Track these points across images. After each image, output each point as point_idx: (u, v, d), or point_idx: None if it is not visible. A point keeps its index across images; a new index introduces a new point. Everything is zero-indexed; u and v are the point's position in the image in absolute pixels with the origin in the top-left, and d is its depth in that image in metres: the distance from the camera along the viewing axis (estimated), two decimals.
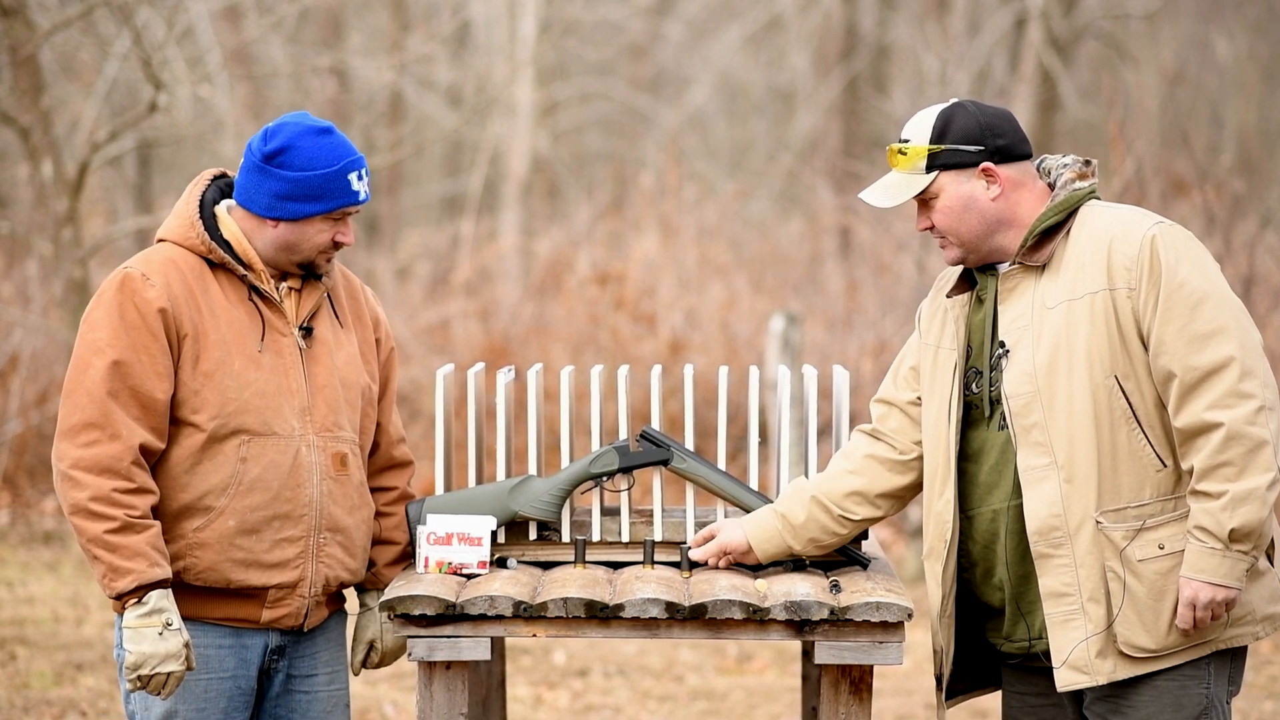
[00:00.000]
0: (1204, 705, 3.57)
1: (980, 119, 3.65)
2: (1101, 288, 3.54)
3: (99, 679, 7.28)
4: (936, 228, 3.68)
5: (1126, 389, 3.53)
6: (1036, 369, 3.57)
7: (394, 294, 14.40)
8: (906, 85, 17.56)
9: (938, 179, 3.65)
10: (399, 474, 4.05)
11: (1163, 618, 3.53)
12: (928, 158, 3.65)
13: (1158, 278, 3.51)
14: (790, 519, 3.85)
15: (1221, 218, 10.86)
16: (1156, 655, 3.55)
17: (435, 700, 3.72)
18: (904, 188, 3.68)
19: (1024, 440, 3.59)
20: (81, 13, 9.49)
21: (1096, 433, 3.53)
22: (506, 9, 17.01)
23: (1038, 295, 3.61)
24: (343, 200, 3.77)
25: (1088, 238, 3.59)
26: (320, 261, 3.82)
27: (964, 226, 3.65)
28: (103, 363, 3.65)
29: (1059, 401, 3.55)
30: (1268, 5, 17.62)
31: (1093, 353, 3.54)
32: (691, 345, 12.57)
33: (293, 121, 3.78)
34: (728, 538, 3.89)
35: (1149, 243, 3.53)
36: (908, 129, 3.71)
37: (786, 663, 8.01)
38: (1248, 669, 7.79)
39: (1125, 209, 3.63)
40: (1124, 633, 3.54)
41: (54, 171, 8.90)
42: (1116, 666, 3.56)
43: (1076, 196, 3.64)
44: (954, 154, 3.64)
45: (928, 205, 3.68)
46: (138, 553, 3.60)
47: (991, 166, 3.63)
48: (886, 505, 3.87)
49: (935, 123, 3.66)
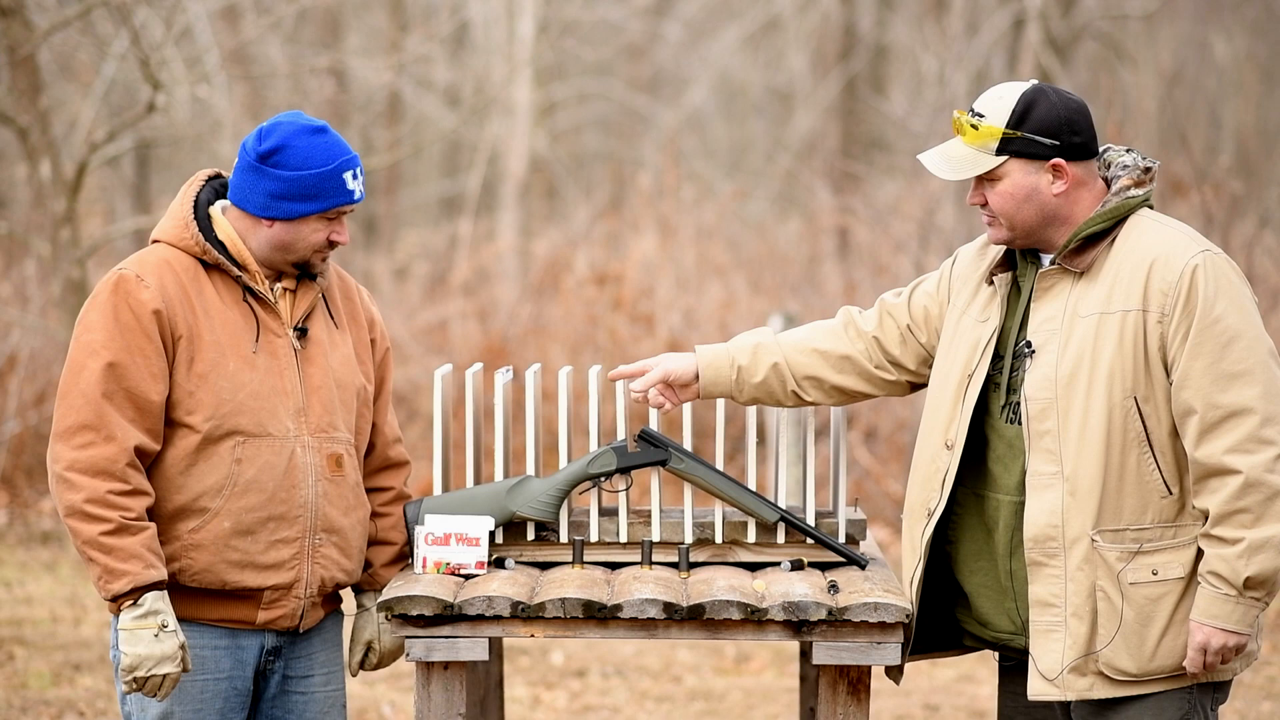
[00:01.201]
0: (1185, 711, 3.56)
1: (1062, 112, 3.56)
2: (1135, 308, 3.50)
3: (97, 679, 7.28)
4: (990, 207, 3.60)
5: (1144, 412, 3.50)
6: (1058, 377, 3.54)
7: (392, 294, 14.39)
8: (905, 86, 17.56)
9: (1006, 164, 3.58)
10: (395, 474, 4.04)
11: (1147, 643, 3.51)
12: (1001, 140, 3.57)
13: (1192, 309, 3.46)
14: (745, 373, 3.85)
15: (1220, 218, 10.86)
16: (1137, 680, 3.53)
17: (433, 700, 3.72)
18: (969, 164, 3.59)
19: (1035, 445, 3.57)
20: (80, 13, 9.48)
21: (1107, 451, 3.50)
22: (504, 9, 17.00)
23: (1071, 300, 3.57)
24: (337, 199, 3.76)
25: (1130, 252, 3.54)
26: (315, 261, 3.81)
27: (1020, 215, 3.58)
28: (97, 364, 3.64)
29: (1074, 414, 3.52)
30: (1266, 6, 17.62)
31: (1115, 371, 3.50)
32: (690, 346, 12.53)
33: (287, 121, 3.78)
34: (672, 366, 3.86)
35: (1190, 272, 3.47)
36: (984, 102, 3.61)
37: (784, 663, 8.00)
38: (1245, 669, 7.80)
39: (1174, 228, 3.57)
40: (1106, 654, 3.52)
41: (52, 171, 8.89)
42: (1094, 685, 3.54)
43: (1127, 205, 3.58)
44: (1029, 143, 3.56)
45: (989, 183, 3.60)
46: (133, 555, 3.59)
47: (1062, 163, 3.57)
48: (838, 397, 3.89)
49: (1016, 105, 3.57)
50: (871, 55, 19.23)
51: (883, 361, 3.85)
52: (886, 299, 3.89)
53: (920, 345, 3.84)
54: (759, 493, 3.99)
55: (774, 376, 3.85)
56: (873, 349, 3.85)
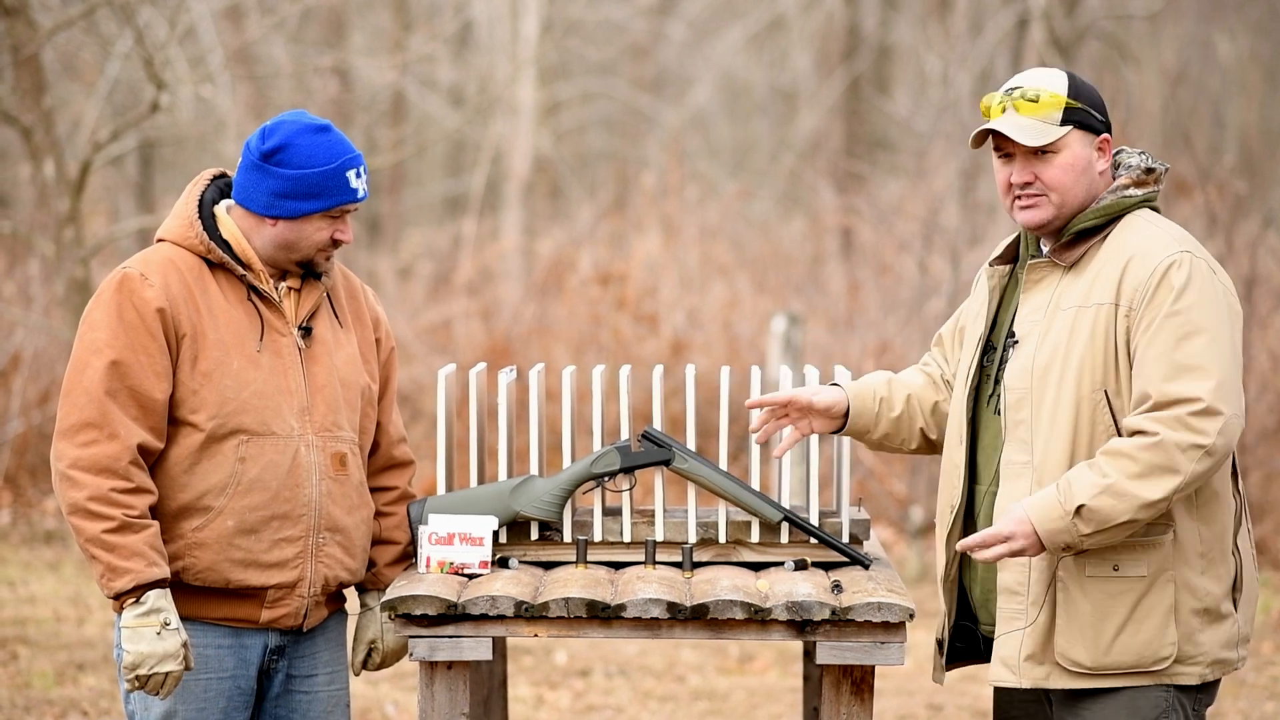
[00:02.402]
0: (1162, 710, 3.56)
1: (1096, 93, 3.59)
2: (1108, 301, 3.51)
3: (100, 679, 7.28)
4: (1041, 181, 3.57)
5: (1114, 406, 3.50)
6: (1034, 367, 3.56)
7: (396, 294, 14.40)
8: (908, 86, 17.56)
9: (1070, 134, 3.56)
10: (400, 474, 4.04)
11: (1103, 637, 3.51)
12: (1065, 110, 3.56)
13: (1159, 301, 3.46)
14: (885, 406, 3.88)
15: (1223, 218, 10.86)
16: (1093, 673, 3.52)
17: (437, 700, 3.72)
18: (1040, 131, 3.55)
19: (1011, 435, 3.59)
20: (83, 12, 9.49)
21: (1074, 442, 3.51)
22: (508, 9, 17.00)
23: (1057, 293, 3.59)
24: (341, 198, 3.76)
25: (1115, 248, 3.55)
26: (319, 260, 3.81)
27: (1076, 188, 3.57)
28: (101, 362, 3.65)
29: (1046, 404, 3.54)
30: (1269, 5, 17.61)
31: (1085, 364, 3.51)
32: (693, 345, 12.56)
33: (290, 120, 3.78)
34: (825, 398, 3.85)
35: (1164, 268, 3.47)
36: (1031, 81, 3.58)
37: (788, 663, 8.00)
38: (1249, 670, 7.78)
39: (1164, 229, 3.56)
40: (1062, 643, 3.53)
41: (56, 171, 8.89)
42: (1050, 675, 3.55)
43: (1122, 204, 3.58)
44: (1088, 115, 3.57)
45: (1043, 158, 3.57)
46: (135, 552, 3.59)
47: (1109, 140, 3.59)
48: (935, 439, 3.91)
49: (1068, 80, 3.58)
50: (875, 55, 19.24)
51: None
52: (937, 336, 3.97)
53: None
54: (763, 492, 3.98)
55: (907, 411, 3.87)
56: (946, 371, 3.90)
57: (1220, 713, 7.08)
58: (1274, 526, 10.19)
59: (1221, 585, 3.55)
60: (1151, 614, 3.50)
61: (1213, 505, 3.53)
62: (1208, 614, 3.53)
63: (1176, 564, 3.51)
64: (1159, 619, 3.51)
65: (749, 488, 3.97)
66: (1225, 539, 3.55)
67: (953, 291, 10.61)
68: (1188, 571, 3.52)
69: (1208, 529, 3.53)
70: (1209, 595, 3.53)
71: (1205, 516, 3.53)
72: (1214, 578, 3.54)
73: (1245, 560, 3.61)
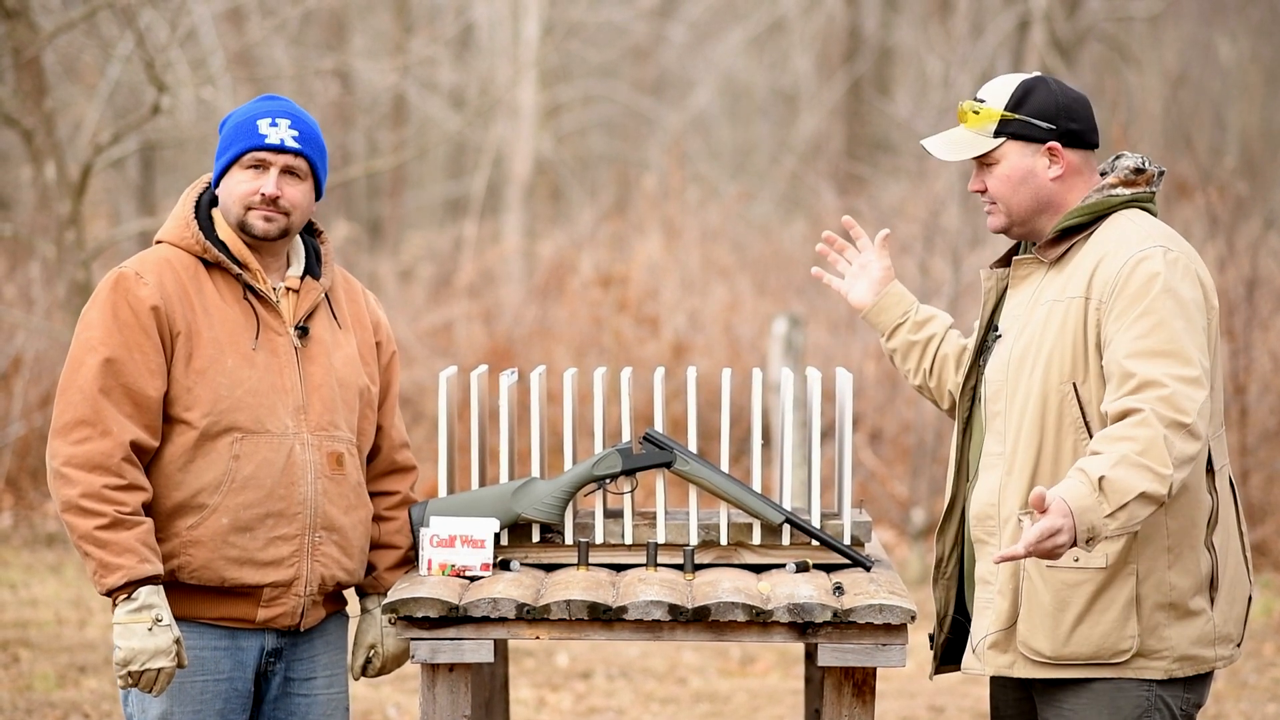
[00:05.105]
0: (1144, 708, 3.56)
1: (1060, 99, 3.64)
2: (1079, 295, 3.55)
3: (102, 681, 7.28)
4: (989, 192, 3.68)
5: (1082, 398, 3.53)
6: (1010, 360, 3.61)
7: (397, 296, 14.40)
8: (910, 87, 17.56)
9: (1004, 145, 3.65)
10: (401, 479, 4.03)
11: (1061, 627, 3.53)
12: (999, 123, 3.65)
13: (1129, 293, 3.48)
14: (918, 314, 4.00)
15: (1225, 220, 10.85)
16: (1054, 663, 3.55)
17: (438, 702, 3.72)
18: (968, 146, 3.68)
19: (990, 426, 3.64)
20: (85, 15, 9.49)
21: (1041, 433, 3.55)
22: (509, 11, 17.01)
23: (1039, 289, 3.64)
24: (248, 143, 3.77)
25: (1095, 245, 3.58)
26: (254, 221, 3.78)
27: (1016, 198, 3.65)
28: (95, 360, 3.65)
29: (1019, 396, 3.58)
30: (1270, 7, 17.62)
31: (1054, 356, 3.55)
32: (694, 348, 12.57)
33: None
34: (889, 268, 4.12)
35: (1135, 262, 3.50)
36: (985, 90, 3.71)
37: (789, 665, 8.00)
38: (1250, 671, 7.78)
39: (1144, 227, 3.59)
40: (1024, 632, 3.57)
41: (57, 174, 8.90)
42: (1015, 663, 3.59)
43: (1108, 203, 3.62)
44: (1025, 125, 3.64)
45: (987, 168, 3.68)
46: (127, 549, 3.59)
47: (1058, 147, 3.63)
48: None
49: (1015, 90, 3.66)
50: (876, 57, 19.25)
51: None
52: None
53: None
54: (764, 494, 3.98)
55: (929, 349, 3.94)
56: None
57: (1222, 714, 7.08)
58: (1275, 528, 10.18)
59: (1189, 580, 3.55)
60: (1111, 606, 3.52)
61: (1180, 499, 3.53)
62: (1174, 609, 3.54)
63: (1139, 557, 3.53)
64: (1118, 611, 3.52)
65: (750, 490, 3.97)
66: (1193, 534, 3.55)
67: (954, 293, 10.61)
68: (1151, 565, 3.53)
69: (1174, 522, 3.54)
70: (1175, 590, 3.54)
71: (1171, 510, 3.53)
72: (1181, 572, 3.54)
73: (1224, 558, 3.59)
